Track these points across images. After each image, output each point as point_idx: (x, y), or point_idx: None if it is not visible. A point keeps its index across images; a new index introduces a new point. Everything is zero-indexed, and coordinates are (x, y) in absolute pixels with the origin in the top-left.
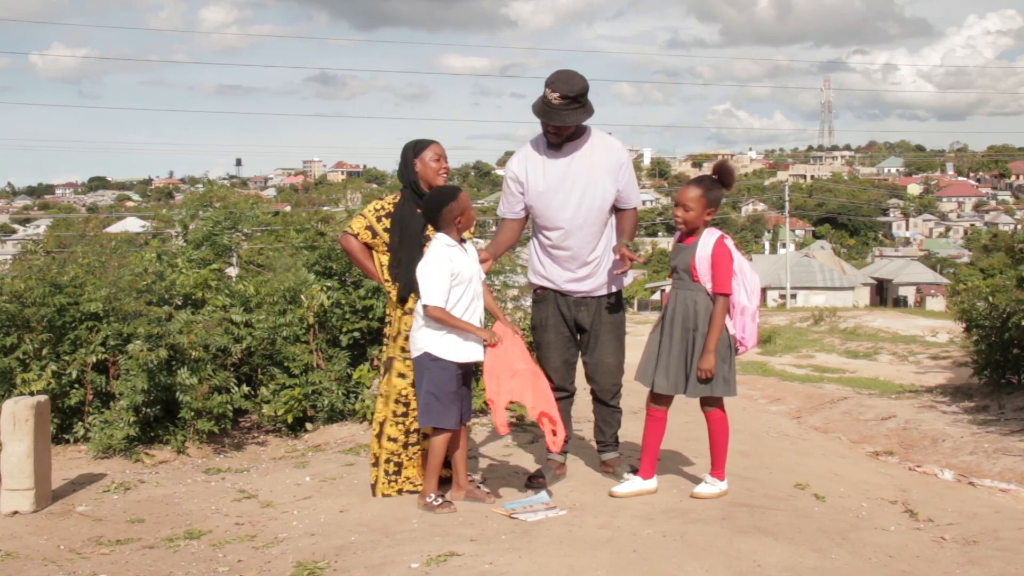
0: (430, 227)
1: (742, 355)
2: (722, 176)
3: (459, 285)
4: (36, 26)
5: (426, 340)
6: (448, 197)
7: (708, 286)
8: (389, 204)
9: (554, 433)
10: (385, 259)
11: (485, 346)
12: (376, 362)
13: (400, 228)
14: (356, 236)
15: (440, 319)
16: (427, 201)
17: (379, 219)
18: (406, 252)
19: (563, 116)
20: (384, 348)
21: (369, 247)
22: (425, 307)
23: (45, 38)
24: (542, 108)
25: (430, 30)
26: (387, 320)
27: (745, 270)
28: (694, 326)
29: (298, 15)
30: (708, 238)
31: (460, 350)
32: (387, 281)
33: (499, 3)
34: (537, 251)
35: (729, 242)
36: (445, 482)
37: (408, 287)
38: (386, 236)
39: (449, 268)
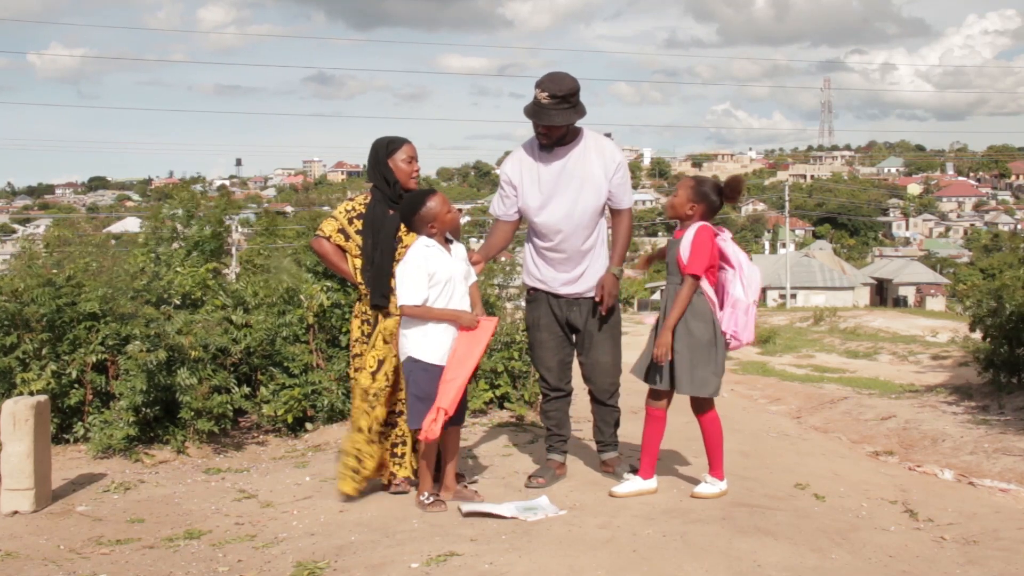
0: (403, 229)
1: (735, 349)
2: (728, 189)
3: (435, 286)
4: (35, 26)
5: (410, 344)
6: (418, 202)
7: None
8: (360, 205)
9: (434, 421)
10: (359, 262)
11: (465, 327)
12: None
13: (372, 231)
14: (328, 239)
15: (418, 315)
16: (402, 205)
17: (351, 221)
18: (379, 256)
19: (552, 116)
20: (359, 347)
21: (343, 249)
22: (401, 307)
23: (44, 38)
24: (532, 109)
25: (428, 30)
26: (364, 319)
27: (743, 264)
28: (684, 319)
29: (296, 15)
30: (693, 228)
31: (443, 354)
32: (362, 284)
33: (496, 3)
34: (531, 253)
35: (725, 235)
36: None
37: (382, 293)
38: (358, 239)
39: (425, 268)
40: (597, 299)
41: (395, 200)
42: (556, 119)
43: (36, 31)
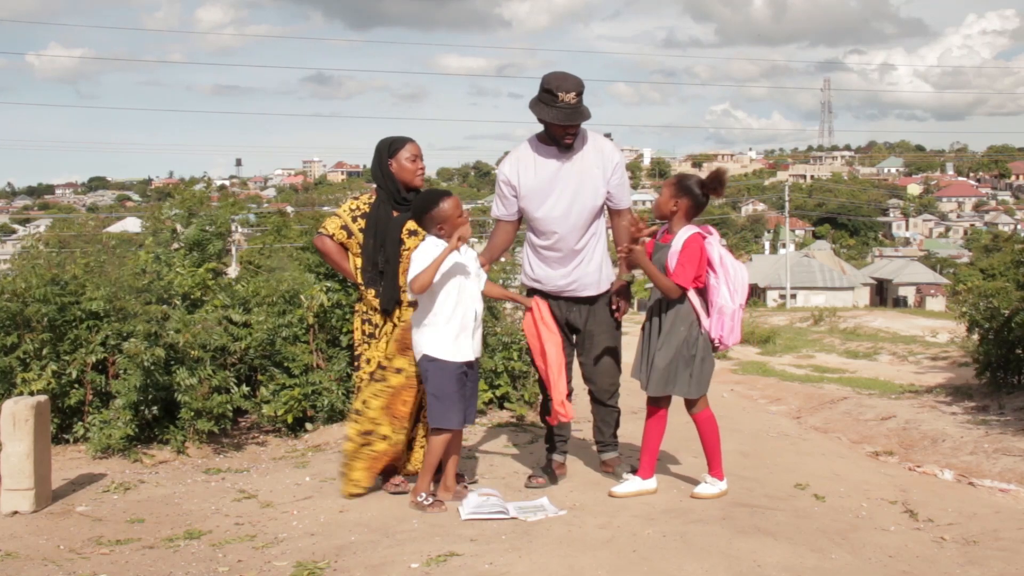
0: (405, 231)
1: (723, 351)
2: (709, 181)
3: (441, 283)
4: (34, 26)
5: (423, 342)
6: (432, 202)
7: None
8: (365, 204)
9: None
10: (360, 261)
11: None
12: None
13: (375, 232)
14: (331, 237)
15: (421, 284)
16: (415, 201)
17: (354, 219)
18: (384, 259)
19: (583, 112)
20: (364, 348)
21: (345, 247)
22: (408, 283)
23: (43, 38)
24: (563, 114)
25: (426, 30)
26: (365, 319)
27: (728, 267)
28: (660, 323)
29: (294, 15)
30: (682, 235)
31: (456, 350)
32: (361, 284)
33: (494, 3)
34: (529, 253)
35: (713, 239)
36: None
37: (391, 297)
38: (361, 237)
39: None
40: (613, 307)
41: (398, 201)
42: (586, 114)
43: (35, 31)
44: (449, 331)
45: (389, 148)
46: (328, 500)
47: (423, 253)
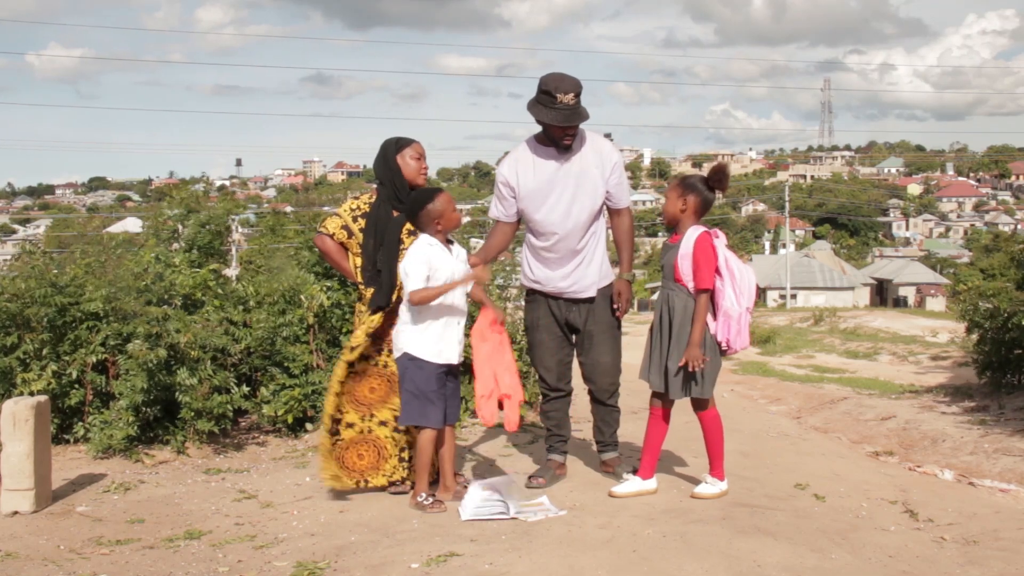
0: (405, 231)
1: (730, 355)
2: (711, 176)
3: (435, 281)
4: (33, 26)
5: (406, 341)
6: (426, 199)
7: (690, 285)
8: (365, 204)
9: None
10: (360, 261)
11: (471, 282)
12: None
13: (375, 232)
14: (332, 236)
15: (424, 297)
16: (409, 201)
17: (355, 219)
18: (384, 258)
19: (580, 114)
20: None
21: (345, 247)
22: (410, 295)
23: (43, 38)
24: (561, 115)
25: (426, 30)
26: (357, 316)
27: (734, 270)
28: (669, 324)
29: (293, 15)
30: (691, 235)
31: (438, 352)
32: (361, 283)
33: (494, 3)
34: (528, 253)
35: (720, 241)
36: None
37: (385, 296)
38: (361, 237)
39: (427, 262)
40: (615, 306)
41: (401, 200)
42: (584, 114)
43: (35, 31)
44: (432, 332)
45: (396, 145)
46: (328, 500)
47: (416, 255)
